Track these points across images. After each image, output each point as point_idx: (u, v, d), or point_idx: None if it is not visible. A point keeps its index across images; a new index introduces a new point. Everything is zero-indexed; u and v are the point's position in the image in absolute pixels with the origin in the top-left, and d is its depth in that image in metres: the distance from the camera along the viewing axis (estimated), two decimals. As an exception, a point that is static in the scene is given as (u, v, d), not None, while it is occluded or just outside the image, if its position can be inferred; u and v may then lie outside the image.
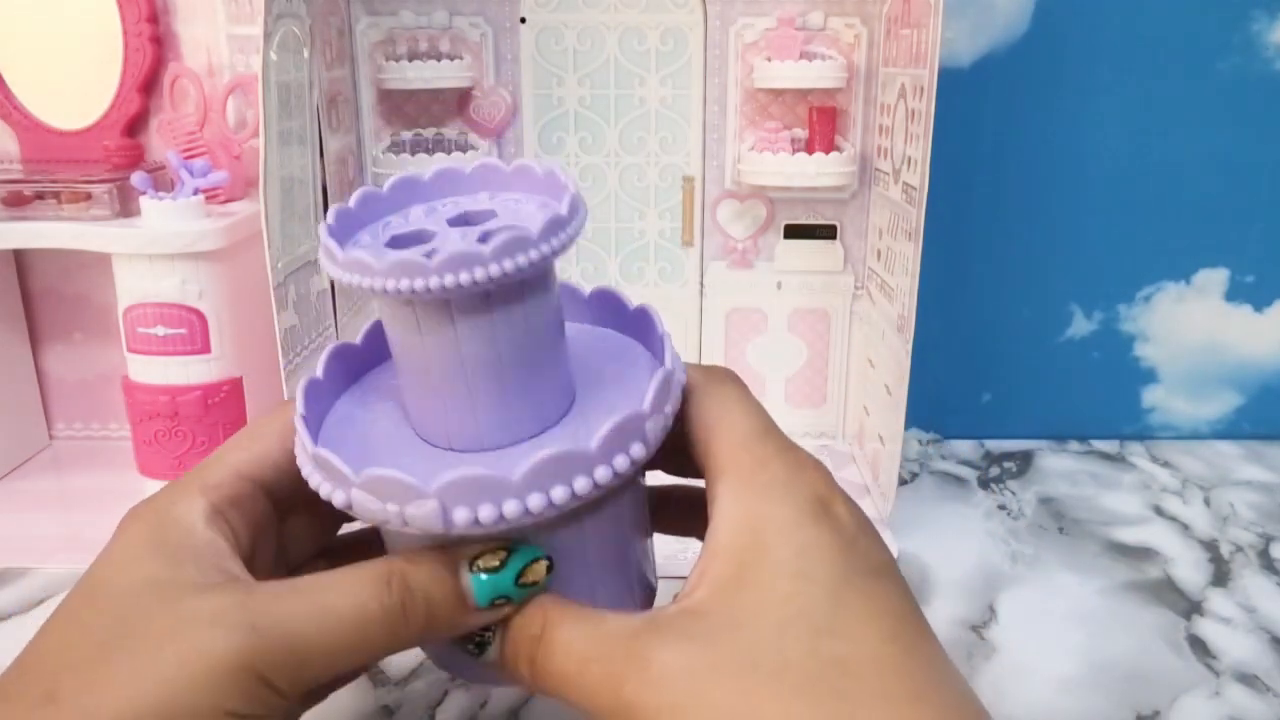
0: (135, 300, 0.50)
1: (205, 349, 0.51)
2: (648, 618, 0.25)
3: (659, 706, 0.23)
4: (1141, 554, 0.50)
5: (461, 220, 0.29)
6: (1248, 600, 0.46)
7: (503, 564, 0.26)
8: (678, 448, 0.29)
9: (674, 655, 0.23)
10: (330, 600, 0.25)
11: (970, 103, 0.57)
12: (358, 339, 0.32)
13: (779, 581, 0.24)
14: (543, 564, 0.27)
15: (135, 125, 0.56)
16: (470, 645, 0.28)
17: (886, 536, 0.45)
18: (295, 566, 0.32)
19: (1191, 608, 0.45)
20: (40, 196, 0.51)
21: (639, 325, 0.32)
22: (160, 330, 0.50)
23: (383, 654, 0.27)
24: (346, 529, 0.33)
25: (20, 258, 0.59)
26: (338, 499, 0.26)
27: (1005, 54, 0.57)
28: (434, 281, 0.25)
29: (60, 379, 0.61)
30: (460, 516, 0.25)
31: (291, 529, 0.31)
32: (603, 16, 0.55)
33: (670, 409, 0.28)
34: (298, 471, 0.28)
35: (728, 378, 0.30)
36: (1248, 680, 0.40)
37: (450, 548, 0.27)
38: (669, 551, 0.44)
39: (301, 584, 0.26)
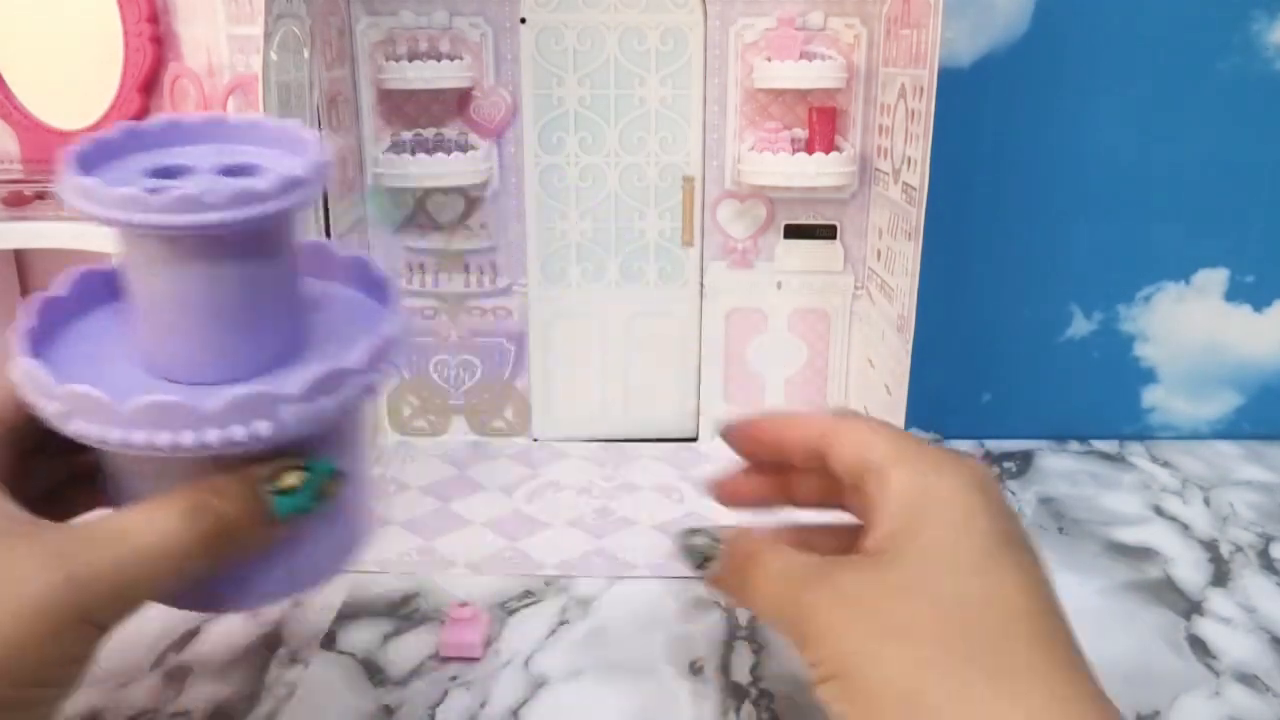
0: (135, 300, 0.50)
1: (205, 349, 0.51)
2: (831, 556, 0.30)
3: (830, 605, 0.28)
4: (1141, 554, 0.50)
5: (231, 171, 0.29)
6: (1248, 600, 0.46)
7: (301, 484, 0.29)
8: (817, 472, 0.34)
9: (849, 575, 0.29)
10: (145, 541, 0.27)
11: (970, 103, 0.57)
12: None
13: (944, 532, 0.28)
14: (337, 479, 0.29)
15: (135, 125, 0.56)
16: (697, 565, 0.33)
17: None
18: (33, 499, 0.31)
19: (1191, 608, 0.45)
20: (40, 196, 0.51)
21: (373, 286, 0.32)
22: (160, 330, 0.50)
23: (199, 577, 0.28)
24: None
25: (20, 258, 0.59)
26: (113, 438, 0.26)
27: (1005, 54, 0.57)
28: (153, 219, 0.25)
29: (60, 379, 0.61)
30: (238, 434, 0.26)
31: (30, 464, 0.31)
32: (603, 16, 0.55)
33: (383, 368, 0.29)
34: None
35: (858, 413, 0.34)
36: (1248, 680, 0.40)
37: (241, 469, 0.28)
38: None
39: (110, 529, 0.27)
